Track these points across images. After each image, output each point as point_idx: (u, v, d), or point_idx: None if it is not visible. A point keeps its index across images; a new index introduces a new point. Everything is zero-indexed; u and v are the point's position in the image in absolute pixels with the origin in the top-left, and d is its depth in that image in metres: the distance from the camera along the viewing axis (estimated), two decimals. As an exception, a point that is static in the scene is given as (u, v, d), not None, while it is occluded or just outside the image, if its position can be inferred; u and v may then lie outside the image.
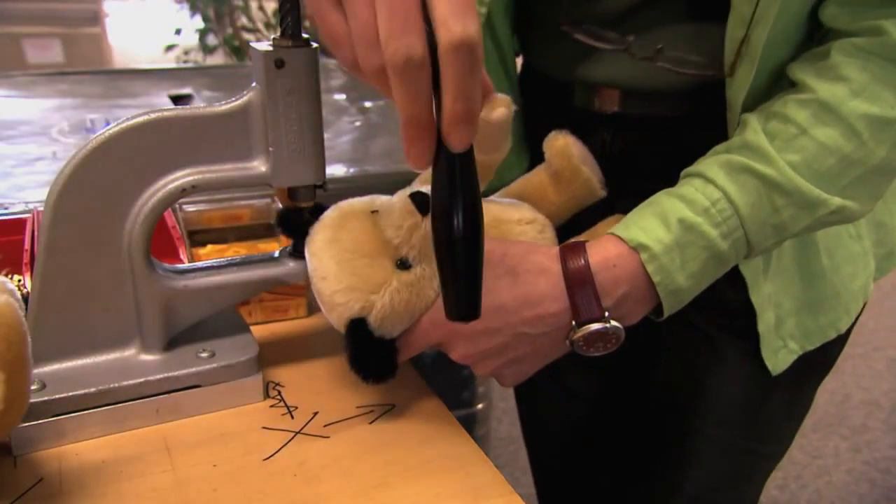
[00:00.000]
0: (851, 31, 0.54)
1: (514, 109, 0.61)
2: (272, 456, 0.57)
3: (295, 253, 0.64)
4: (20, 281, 0.71)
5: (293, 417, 0.61)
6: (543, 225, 0.63)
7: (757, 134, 0.55)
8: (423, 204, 0.57)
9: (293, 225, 0.63)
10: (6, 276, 0.71)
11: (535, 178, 0.66)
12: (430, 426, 0.61)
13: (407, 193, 0.59)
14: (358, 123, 1.52)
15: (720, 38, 0.57)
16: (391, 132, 1.51)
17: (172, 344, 0.62)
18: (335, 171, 1.21)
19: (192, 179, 0.57)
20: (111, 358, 0.60)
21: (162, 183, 0.57)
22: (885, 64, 0.53)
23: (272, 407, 0.62)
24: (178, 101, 1.62)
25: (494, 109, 0.60)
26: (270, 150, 0.58)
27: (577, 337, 0.56)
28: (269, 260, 0.65)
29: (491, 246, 0.58)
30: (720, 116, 0.60)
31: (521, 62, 0.79)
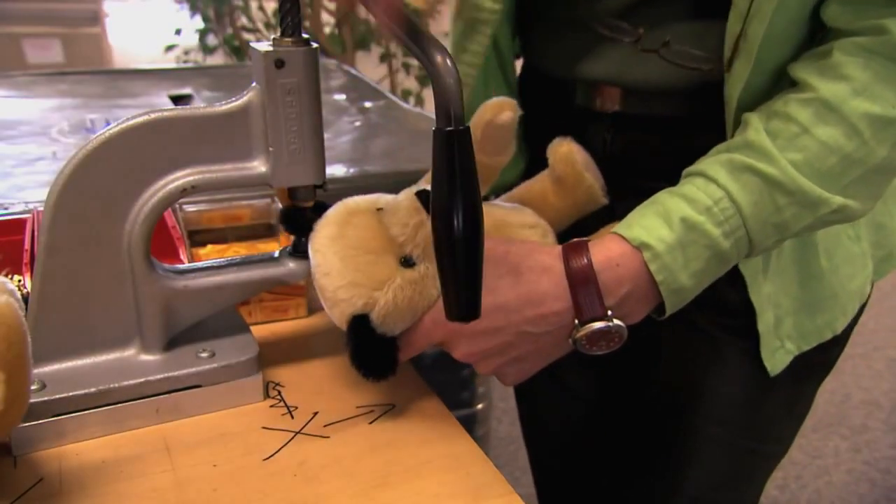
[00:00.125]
0: (853, 30, 0.54)
1: (519, 114, 0.61)
2: (272, 456, 0.57)
3: (295, 253, 0.64)
4: (20, 281, 0.71)
5: (293, 417, 0.61)
6: (546, 230, 0.63)
7: (759, 133, 0.55)
8: (429, 202, 0.57)
9: (296, 222, 0.63)
10: (6, 276, 0.71)
11: (537, 183, 0.66)
12: (430, 426, 0.61)
13: (413, 191, 0.59)
14: (358, 123, 1.52)
15: (723, 35, 0.57)
16: (391, 132, 1.51)
17: (172, 344, 0.62)
18: (335, 171, 1.21)
19: (192, 179, 0.57)
20: (111, 358, 0.60)
21: (162, 183, 0.57)
22: (886, 63, 0.53)
23: (272, 407, 0.62)
24: (178, 101, 1.62)
25: (500, 113, 0.60)
26: (270, 150, 0.58)
27: (579, 336, 0.56)
28: (269, 260, 0.65)
29: (493, 245, 0.58)
30: (720, 117, 0.60)
31: (519, 64, 0.79)
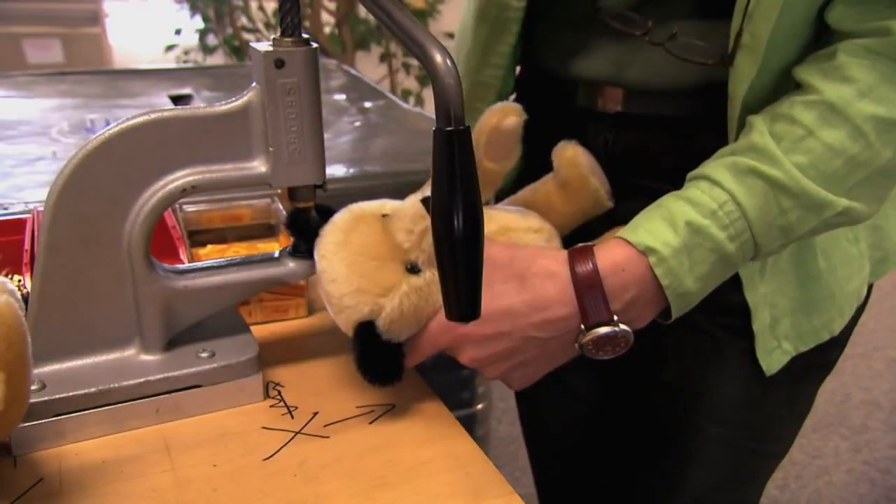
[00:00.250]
0: (859, 31, 0.54)
1: (525, 119, 0.61)
2: (272, 456, 0.57)
3: (295, 253, 0.64)
4: (20, 281, 0.71)
5: (293, 417, 0.61)
6: (551, 234, 0.63)
7: (763, 136, 0.55)
8: None
9: (302, 227, 0.63)
10: (6, 276, 0.71)
11: (542, 187, 0.66)
12: (430, 426, 0.61)
13: (419, 198, 0.59)
14: (358, 123, 1.52)
15: (728, 31, 0.57)
16: (391, 132, 1.51)
17: (172, 344, 0.62)
18: (335, 171, 1.21)
19: (192, 179, 0.57)
20: (111, 358, 0.60)
21: (162, 183, 0.57)
22: (892, 64, 0.53)
23: (272, 407, 0.62)
24: (178, 101, 1.62)
25: (506, 117, 0.60)
26: (270, 150, 0.58)
27: (585, 340, 0.56)
28: (269, 260, 0.65)
29: (498, 250, 0.58)
30: (722, 118, 0.60)
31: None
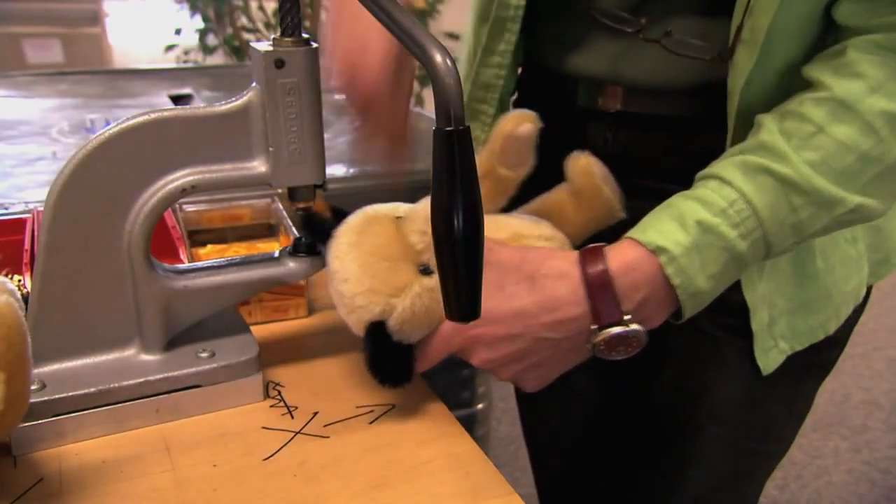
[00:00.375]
0: (867, 27, 0.53)
1: (539, 126, 0.61)
2: (272, 456, 0.57)
3: (295, 253, 0.64)
4: (20, 281, 0.71)
5: (293, 417, 0.61)
6: (563, 242, 0.63)
7: (772, 134, 0.54)
8: None
9: (315, 229, 0.63)
10: (6, 276, 0.71)
11: (555, 196, 0.66)
12: (430, 426, 0.61)
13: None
14: (358, 123, 1.52)
15: (726, 30, 0.57)
16: (391, 132, 1.50)
17: (172, 344, 0.62)
18: (335, 171, 1.21)
19: (192, 179, 0.57)
20: (111, 358, 0.60)
21: (162, 183, 0.57)
22: None
23: (272, 407, 0.62)
24: (178, 101, 1.62)
25: (520, 124, 0.60)
26: (270, 150, 0.58)
27: (598, 341, 0.56)
28: (269, 260, 0.65)
29: (510, 253, 0.58)
30: (721, 117, 0.60)
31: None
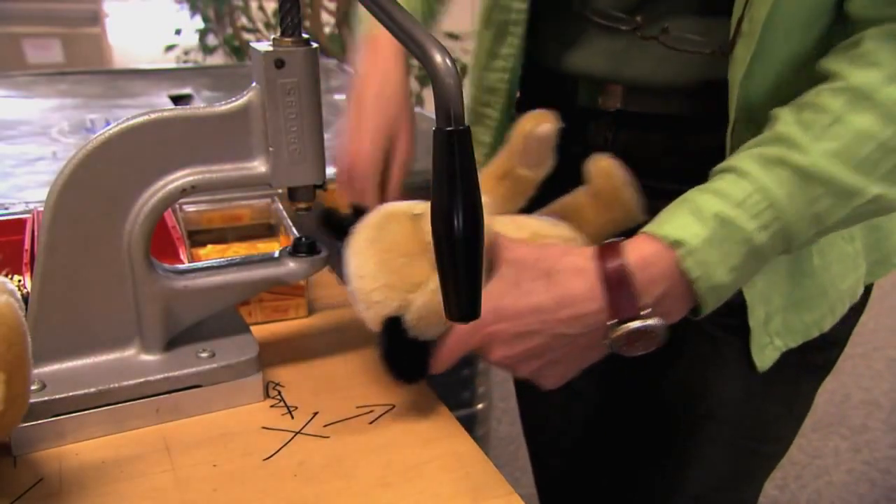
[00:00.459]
0: (883, 17, 0.53)
1: (559, 126, 0.60)
2: (272, 456, 0.57)
3: (295, 253, 0.64)
4: (20, 281, 0.71)
5: (293, 417, 0.61)
6: (582, 243, 0.63)
7: (789, 125, 0.54)
8: None
9: (334, 226, 0.63)
10: (6, 276, 0.72)
11: (574, 198, 0.66)
12: (430, 426, 0.61)
13: None
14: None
15: (723, 28, 0.57)
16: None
17: (172, 344, 0.62)
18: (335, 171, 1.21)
19: (192, 179, 0.57)
20: (111, 358, 0.60)
21: (162, 183, 0.57)
22: None
23: (272, 407, 0.62)
24: (178, 101, 1.62)
25: (540, 124, 0.60)
26: (270, 150, 0.58)
27: (616, 336, 0.55)
28: (269, 260, 0.65)
29: (526, 250, 0.58)
30: (721, 117, 0.60)
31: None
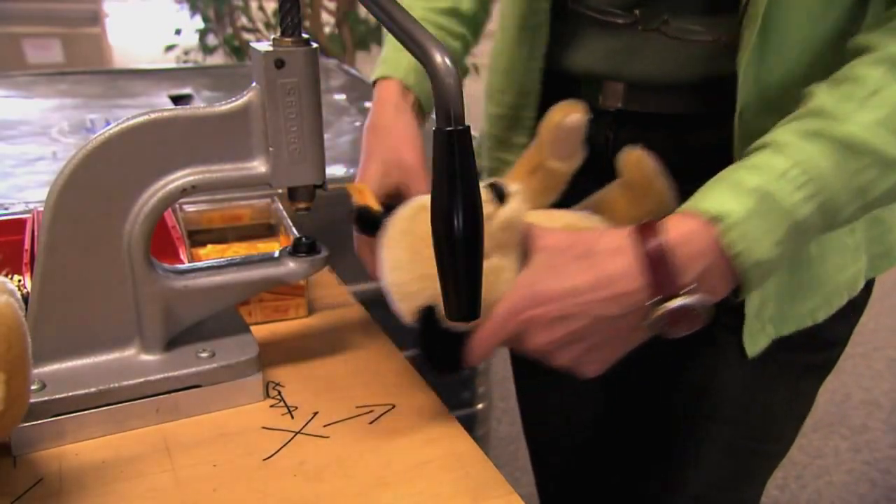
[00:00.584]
0: None
1: (589, 117, 0.60)
2: (272, 456, 0.57)
3: (295, 253, 0.64)
4: (20, 281, 0.71)
5: (293, 417, 0.61)
6: None
7: (825, 99, 0.53)
8: (500, 194, 0.56)
9: (368, 223, 0.63)
10: (6, 276, 0.72)
11: (607, 192, 0.66)
12: (430, 426, 0.61)
13: (483, 184, 0.59)
14: (358, 123, 1.52)
15: (727, 18, 0.57)
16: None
17: (172, 344, 0.62)
18: (335, 171, 1.21)
19: (192, 179, 0.57)
20: (111, 358, 0.60)
21: (162, 183, 0.57)
22: None
23: (272, 407, 0.62)
24: (178, 101, 1.62)
25: (568, 114, 0.60)
26: (270, 150, 0.58)
27: (658, 315, 0.53)
28: (269, 260, 0.65)
29: (558, 235, 0.57)
30: (722, 115, 0.60)
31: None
